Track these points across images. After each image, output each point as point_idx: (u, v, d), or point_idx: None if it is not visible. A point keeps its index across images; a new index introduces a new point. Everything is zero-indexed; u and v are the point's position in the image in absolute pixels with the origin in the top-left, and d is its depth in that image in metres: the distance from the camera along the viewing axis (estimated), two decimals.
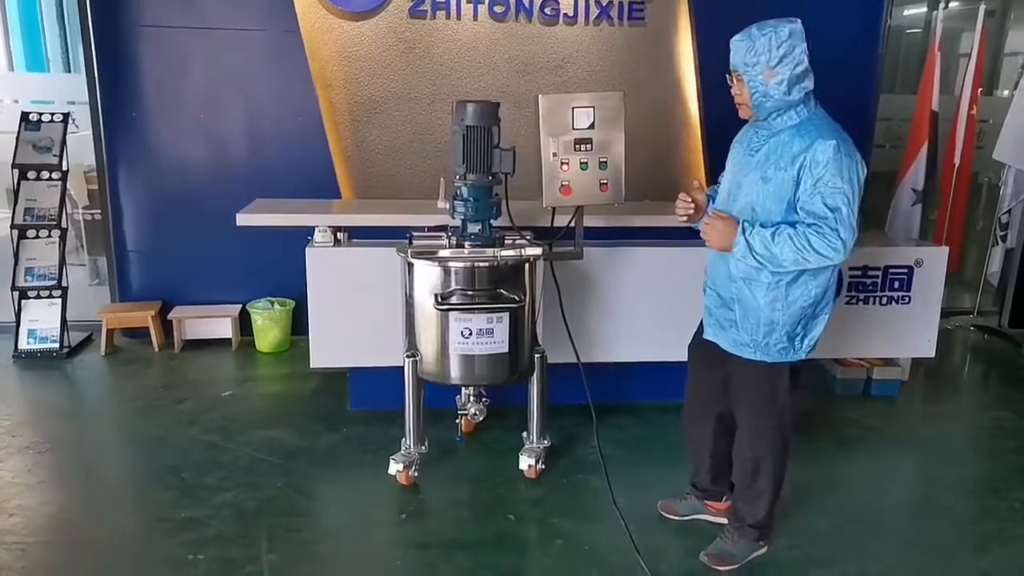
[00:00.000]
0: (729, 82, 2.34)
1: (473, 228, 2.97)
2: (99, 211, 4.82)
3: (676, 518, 2.85)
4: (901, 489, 3.31)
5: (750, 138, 2.38)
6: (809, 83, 2.24)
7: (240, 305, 4.66)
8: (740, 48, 2.23)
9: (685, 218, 2.58)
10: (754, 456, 2.53)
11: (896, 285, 3.88)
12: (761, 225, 2.26)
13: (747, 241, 2.24)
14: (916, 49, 5.80)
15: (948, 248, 4.02)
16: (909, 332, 3.96)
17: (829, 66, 4.66)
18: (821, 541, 2.79)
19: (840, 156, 2.16)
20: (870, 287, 3.87)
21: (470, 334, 2.86)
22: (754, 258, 2.24)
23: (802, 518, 2.91)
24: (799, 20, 2.24)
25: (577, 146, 2.90)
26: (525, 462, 3.10)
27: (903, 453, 3.61)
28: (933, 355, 4.03)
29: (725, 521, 2.76)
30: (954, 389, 4.50)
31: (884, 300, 3.89)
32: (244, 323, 4.65)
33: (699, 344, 2.63)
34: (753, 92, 2.25)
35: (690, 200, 2.54)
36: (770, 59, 2.18)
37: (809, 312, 2.35)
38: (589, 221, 3.21)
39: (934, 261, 3.90)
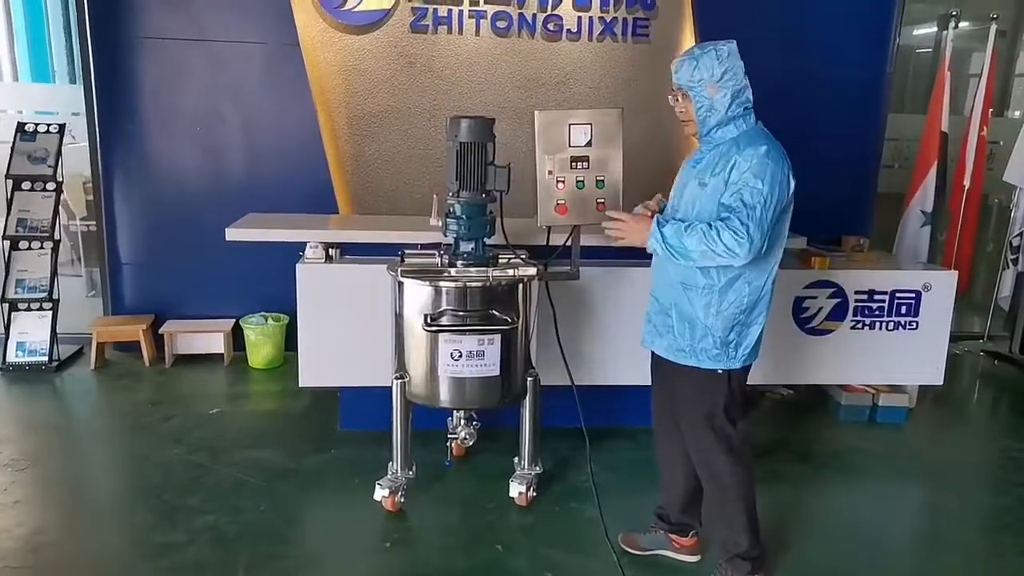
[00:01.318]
0: (671, 102, 2.43)
1: (466, 247, 2.89)
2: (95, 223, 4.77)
3: (638, 552, 2.74)
4: (907, 521, 3.20)
5: (695, 153, 2.45)
6: (748, 97, 2.33)
7: (233, 320, 4.59)
8: (686, 67, 2.32)
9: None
10: (714, 481, 2.47)
11: (903, 310, 3.77)
12: (680, 220, 2.32)
13: (661, 232, 2.29)
14: (926, 69, 5.72)
15: (957, 272, 3.92)
16: (916, 358, 3.85)
17: (836, 85, 4.71)
18: (822, 575, 2.68)
19: (767, 161, 2.23)
20: (876, 312, 3.76)
21: (460, 356, 2.77)
22: (666, 248, 2.29)
23: (803, 550, 2.81)
24: (735, 41, 2.33)
25: (573, 164, 2.80)
26: (516, 489, 3.00)
27: (909, 483, 3.49)
28: (941, 382, 3.92)
29: (688, 559, 2.71)
30: (963, 417, 4.37)
31: (891, 325, 3.78)
32: (238, 338, 4.58)
33: (653, 360, 2.60)
34: (699, 107, 2.33)
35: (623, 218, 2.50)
36: (713, 75, 2.28)
37: (742, 319, 2.37)
38: (586, 240, 3.12)
39: (943, 285, 3.80)
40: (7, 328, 4.36)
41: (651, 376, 2.66)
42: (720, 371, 2.39)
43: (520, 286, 2.90)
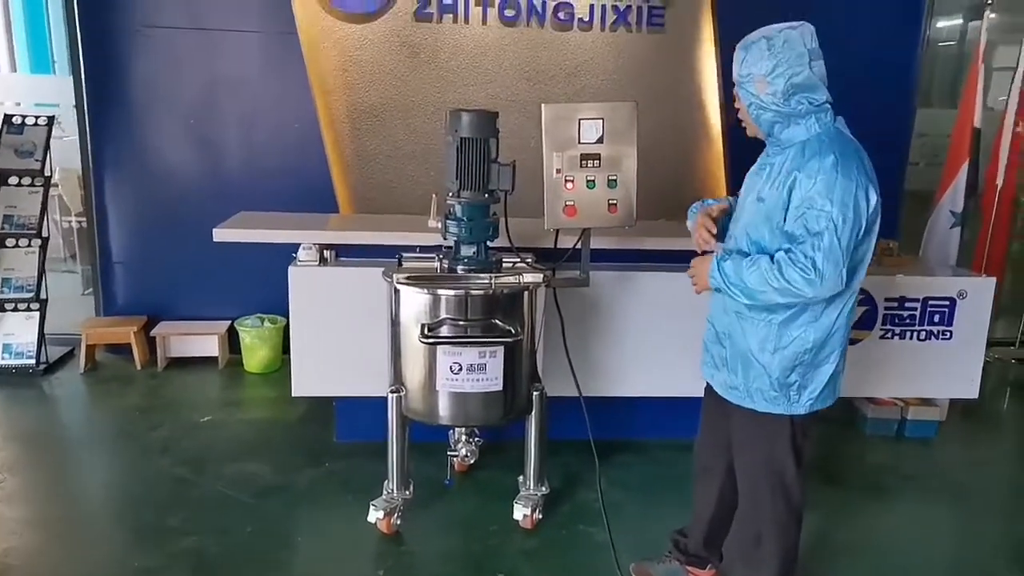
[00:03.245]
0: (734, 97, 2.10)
1: (467, 251, 2.68)
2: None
3: None
4: (938, 547, 2.97)
5: (762, 157, 2.13)
6: (818, 95, 1.95)
7: (228, 322, 4.41)
8: (736, 60, 2.01)
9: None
10: (755, 524, 2.21)
11: (936, 318, 3.53)
12: (743, 253, 2.01)
13: (720, 269, 2.00)
14: (951, 63, 5.46)
15: (995, 280, 3.67)
16: (949, 370, 3.60)
17: (862, 78, 4.43)
18: None
19: (835, 175, 1.86)
20: (907, 320, 3.52)
21: (459, 370, 2.57)
22: (729, 288, 1.99)
23: None
24: (807, 24, 1.97)
25: (583, 162, 2.60)
26: (520, 512, 2.80)
27: (941, 505, 3.26)
28: (976, 396, 3.68)
29: None
30: (997, 431, 4.13)
31: (922, 335, 3.54)
32: (234, 340, 4.40)
33: (708, 387, 2.34)
34: (749, 105, 2.01)
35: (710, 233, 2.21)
36: (762, 68, 1.93)
37: (807, 359, 2.03)
38: (597, 243, 2.91)
39: (980, 293, 3.55)
40: None
41: (705, 400, 2.36)
42: (780, 415, 2.08)
43: (525, 294, 2.69)
